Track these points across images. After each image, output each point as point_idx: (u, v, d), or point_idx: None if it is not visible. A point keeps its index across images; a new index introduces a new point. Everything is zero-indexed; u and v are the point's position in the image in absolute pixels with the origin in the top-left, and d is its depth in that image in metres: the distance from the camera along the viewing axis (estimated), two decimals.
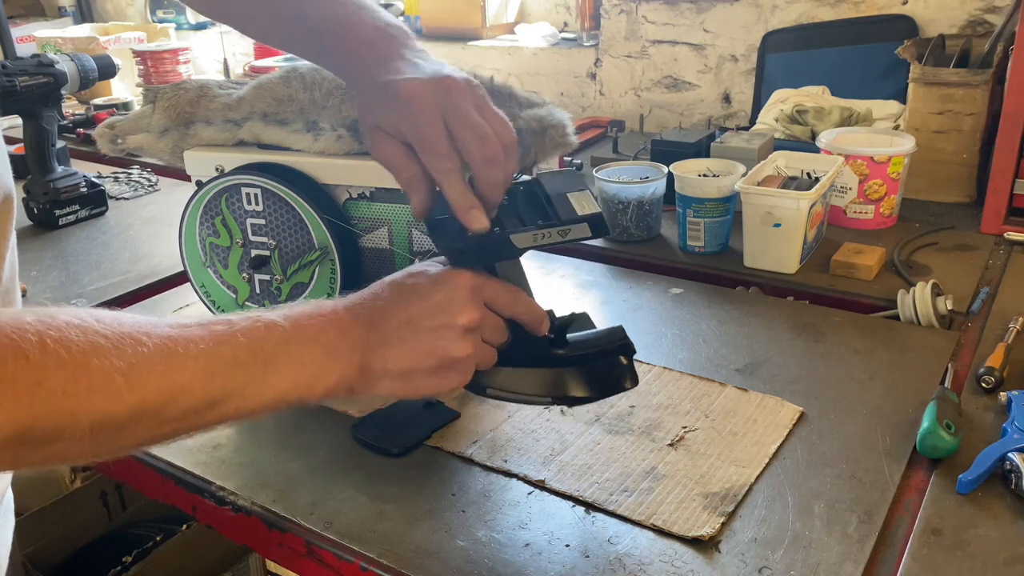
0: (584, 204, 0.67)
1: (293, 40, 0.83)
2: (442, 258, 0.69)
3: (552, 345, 0.69)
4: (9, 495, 0.76)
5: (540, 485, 0.78)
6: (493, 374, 0.69)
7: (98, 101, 2.22)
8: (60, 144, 1.55)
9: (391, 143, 0.69)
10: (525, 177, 0.72)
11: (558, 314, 0.71)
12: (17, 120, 1.52)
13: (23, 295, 0.99)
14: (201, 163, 0.95)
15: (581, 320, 0.72)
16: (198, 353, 0.54)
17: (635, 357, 0.95)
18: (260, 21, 0.86)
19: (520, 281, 0.69)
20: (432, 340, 0.63)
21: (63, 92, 1.50)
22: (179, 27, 2.98)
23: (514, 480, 0.79)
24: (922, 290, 1.05)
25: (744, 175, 1.25)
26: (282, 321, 0.59)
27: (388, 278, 0.66)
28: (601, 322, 0.70)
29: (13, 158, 1.75)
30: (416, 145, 0.68)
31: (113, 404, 0.49)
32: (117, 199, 1.65)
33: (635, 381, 0.71)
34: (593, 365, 0.70)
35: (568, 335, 0.70)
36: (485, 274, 0.67)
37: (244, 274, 0.95)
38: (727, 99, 2.05)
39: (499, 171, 0.67)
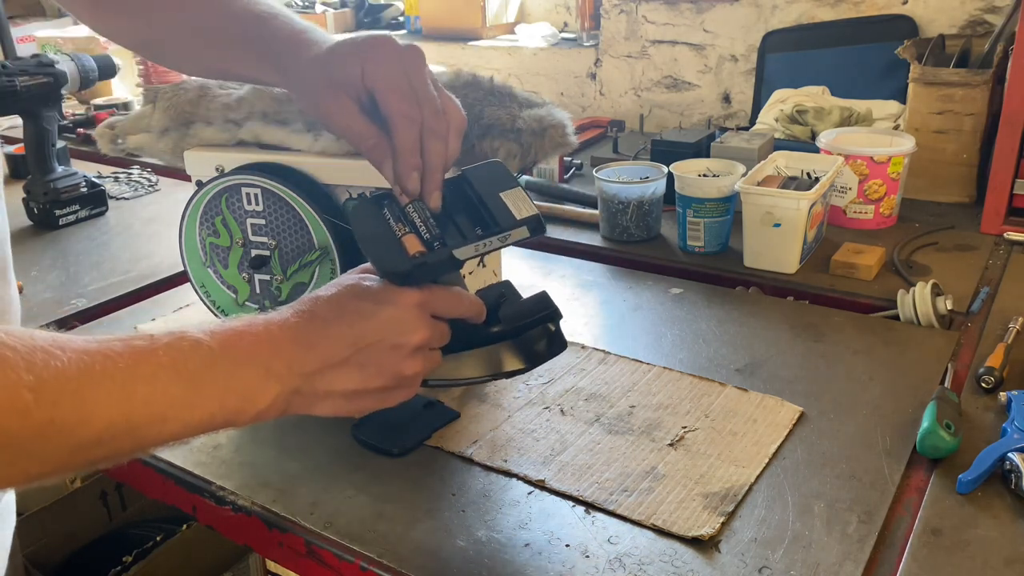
0: (520, 205, 0.66)
1: (211, 48, 0.80)
2: (367, 265, 0.67)
3: (487, 325, 0.68)
4: (10, 496, 0.75)
5: (540, 485, 0.78)
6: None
7: (98, 101, 2.22)
8: (60, 144, 1.55)
9: (347, 104, 0.68)
10: (449, 173, 0.71)
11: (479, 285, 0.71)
12: (17, 120, 1.52)
13: (19, 292, 0.99)
14: (201, 163, 0.95)
15: (507, 290, 0.71)
16: (115, 371, 0.49)
17: (635, 357, 0.95)
18: (189, 50, 0.83)
19: (456, 278, 0.69)
20: (381, 362, 0.60)
21: (63, 92, 1.50)
22: None
23: (514, 480, 0.79)
24: (922, 290, 1.05)
25: (744, 175, 1.25)
26: (208, 339, 0.54)
27: (321, 293, 0.62)
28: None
29: (13, 158, 1.76)
30: (381, 91, 0.66)
31: (18, 422, 0.45)
32: (117, 199, 1.65)
33: (563, 346, 0.71)
34: (525, 336, 0.69)
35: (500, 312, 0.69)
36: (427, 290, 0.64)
37: (244, 274, 0.95)
38: (727, 99, 2.05)
39: (441, 150, 0.67)
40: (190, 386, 0.53)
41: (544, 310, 0.70)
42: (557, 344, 0.71)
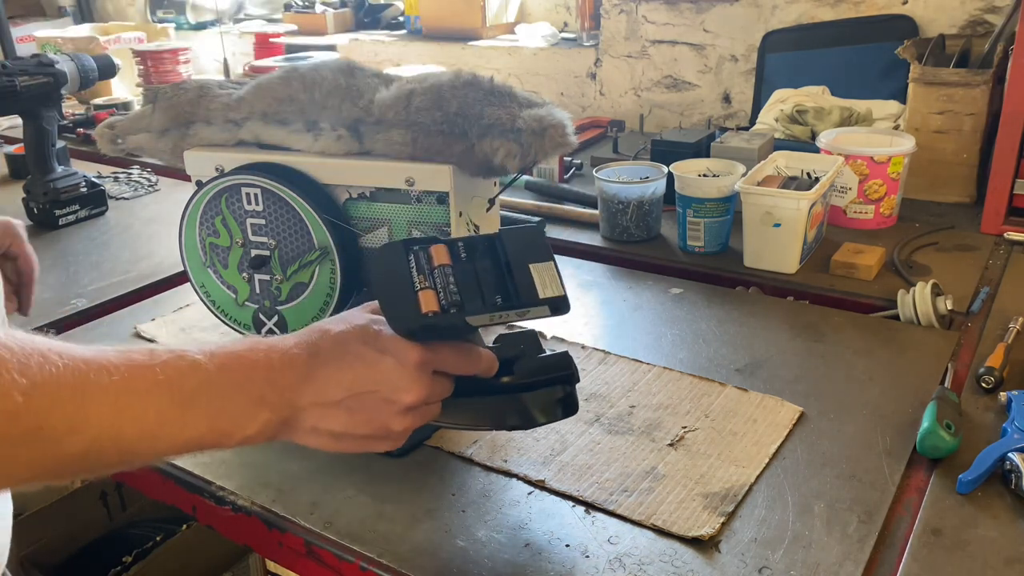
0: (547, 281, 0.63)
1: None
2: (375, 304, 0.65)
3: (498, 375, 0.67)
4: (6, 497, 0.75)
5: (540, 485, 0.78)
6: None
7: (98, 101, 2.22)
8: (60, 144, 1.55)
9: None
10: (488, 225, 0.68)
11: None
12: (17, 120, 1.52)
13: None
14: (201, 163, 0.95)
15: (528, 344, 0.69)
16: (109, 383, 0.49)
17: (635, 357, 0.95)
18: None
19: (472, 334, 0.67)
20: (372, 412, 0.60)
21: (63, 92, 1.50)
22: (179, 27, 2.98)
23: (514, 480, 0.79)
24: (922, 290, 1.05)
25: (744, 175, 1.25)
26: (206, 361, 0.54)
27: (329, 327, 0.61)
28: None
29: (13, 158, 1.76)
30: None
31: (5, 425, 0.45)
32: (117, 199, 1.65)
33: (574, 409, 0.69)
34: (535, 393, 0.68)
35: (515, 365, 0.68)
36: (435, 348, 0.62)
37: (244, 274, 0.95)
38: (727, 99, 2.05)
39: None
40: (183, 406, 0.53)
41: (561, 370, 0.68)
42: (569, 407, 0.69)
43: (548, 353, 0.69)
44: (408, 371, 0.60)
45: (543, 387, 0.68)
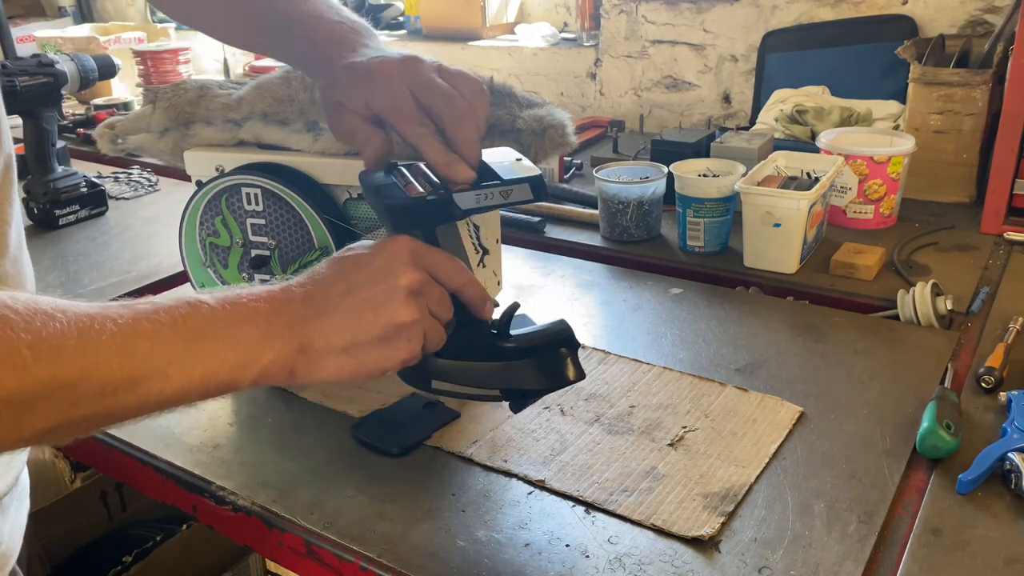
0: (524, 169, 0.69)
1: (260, 35, 0.86)
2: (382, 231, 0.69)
3: (497, 338, 0.68)
4: (24, 478, 0.76)
5: (540, 485, 0.78)
6: (440, 365, 0.67)
7: (98, 101, 2.22)
8: (60, 144, 1.55)
9: (353, 117, 0.72)
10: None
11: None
12: (17, 120, 1.52)
13: None
14: (201, 163, 0.95)
15: (521, 316, 0.72)
16: (115, 329, 0.51)
17: (635, 357, 0.95)
18: (227, 20, 0.88)
19: (462, 256, 0.70)
20: (375, 306, 0.60)
21: (63, 92, 1.50)
22: (179, 27, 2.98)
23: (514, 480, 0.79)
24: (922, 290, 1.05)
25: (744, 175, 1.25)
26: (209, 300, 0.56)
27: (322, 262, 0.65)
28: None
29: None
30: (388, 117, 0.70)
31: (17, 378, 0.46)
32: (117, 199, 1.65)
33: (580, 373, 0.70)
34: (538, 358, 0.69)
35: (512, 331, 0.69)
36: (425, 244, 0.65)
37: (244, 274, 0.95)
38: (727, 99, 2.05)
39: (470, 127, 0.70)
40: (191, 341, 0.54)
41: (560, 335, 0.69)
42: (575, 370, 0.69)
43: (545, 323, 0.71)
44: (400, 256, 0.62)
45: (545, 352, 0.69)
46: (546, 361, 0.69)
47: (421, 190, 0.67)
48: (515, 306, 0.70)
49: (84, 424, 0.52)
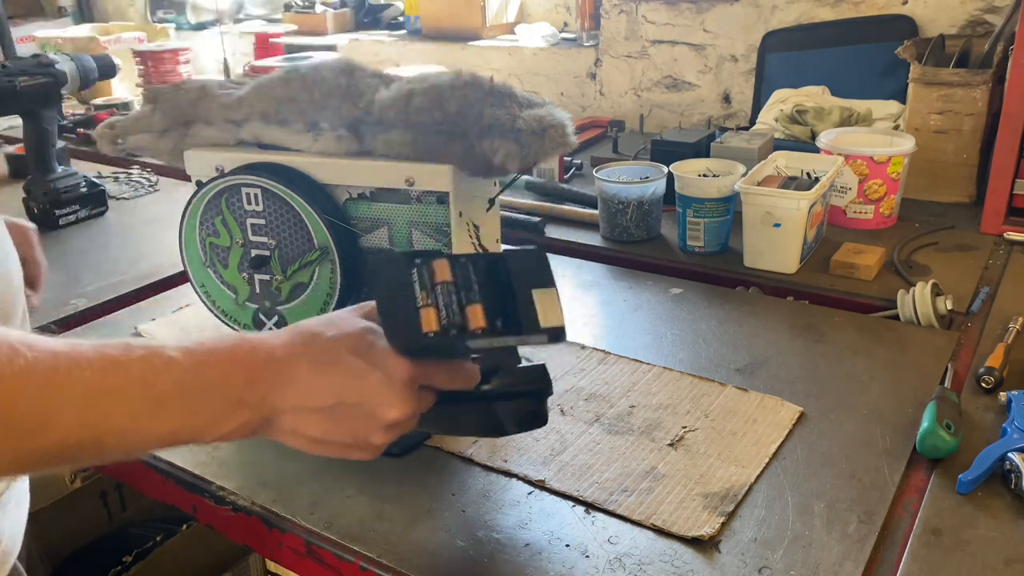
0: (548, 310, 0.62)
1: None
2: (374, 307, 0.64)
3: (477, 383, 0.67)
4: (23, 488, 0.76)
5: (540, 485, 0.78)
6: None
7: (98, 101, 2.22)
8: (60, 144, 1.55)
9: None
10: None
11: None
12: (17, 120, 1.52)
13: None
14: (201, 163, 0.95)
15: (510, 357, 0.69)
16: (80, 378, 0.48)
17: (635, 357, 0.95)
18: None
19: (467, 355, 0.66)
20: (354, 423, 0.59)
21: (63, 92, 1.50)
22: (179, 27, 2.98)
23: (514, 480, 0.79)
24: (922, 290, 1.05)
25: (744, 175, 1.25)
26: (183, 359, 0.53)
27: (321, 331, 0.60)
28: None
29: (13, 158, 1.76)
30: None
31: None
32: (117, 199, 1.65)
33: (542, 422, 0.70)
34: (509, 403, 0.68)
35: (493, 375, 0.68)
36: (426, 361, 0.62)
37: (244, 274, 0.95)
38: (727, 99, 2.05)
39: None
40: (155, 403, 0.52)
41: (536, 383, 0.69)
42: (537, 420, 0.70)
43: (526, 364, 0.69)
44: (396, 387, 0.59)
45: (516, 398, 0.68)
46: (514, 409, 0.69)
47: (436, 324, 0.60)
48: (504, 354, 0.69)
49: (41, 466, 0.51)
